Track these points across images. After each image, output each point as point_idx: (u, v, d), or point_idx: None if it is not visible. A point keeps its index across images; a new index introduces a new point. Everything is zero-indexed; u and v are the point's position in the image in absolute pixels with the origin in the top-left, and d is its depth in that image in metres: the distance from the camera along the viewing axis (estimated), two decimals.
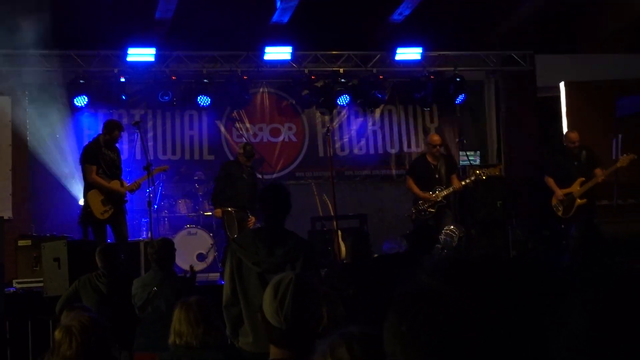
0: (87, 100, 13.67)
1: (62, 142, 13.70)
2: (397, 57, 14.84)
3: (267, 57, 14.36)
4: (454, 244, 11.27)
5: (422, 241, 7.33)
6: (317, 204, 13.86)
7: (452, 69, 15.12)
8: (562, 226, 12.18)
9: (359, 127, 15.34)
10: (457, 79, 14.99)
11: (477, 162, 14.87)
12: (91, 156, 11.13)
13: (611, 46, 15.62)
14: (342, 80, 14.74)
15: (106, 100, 13.94)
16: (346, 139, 15.21)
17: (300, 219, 13.66)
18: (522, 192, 14.64)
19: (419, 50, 14.79)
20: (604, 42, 15.71)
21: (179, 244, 10.17)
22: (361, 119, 15.36)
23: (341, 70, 14.81)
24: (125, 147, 13.43)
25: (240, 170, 12.18)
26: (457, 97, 15.06)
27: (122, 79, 13.81)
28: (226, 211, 11.94)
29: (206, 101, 14.14)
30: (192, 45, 14.27)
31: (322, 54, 14.80)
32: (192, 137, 14.68)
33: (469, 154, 13.76)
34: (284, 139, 15.03)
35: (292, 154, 15.00)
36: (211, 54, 14.42)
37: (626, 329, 1.52)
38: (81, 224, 11.35)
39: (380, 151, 15.38)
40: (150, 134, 14.28)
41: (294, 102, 15.10)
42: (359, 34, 14.99)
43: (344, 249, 11.70)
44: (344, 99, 14.67)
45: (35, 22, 12.54)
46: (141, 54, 13.83)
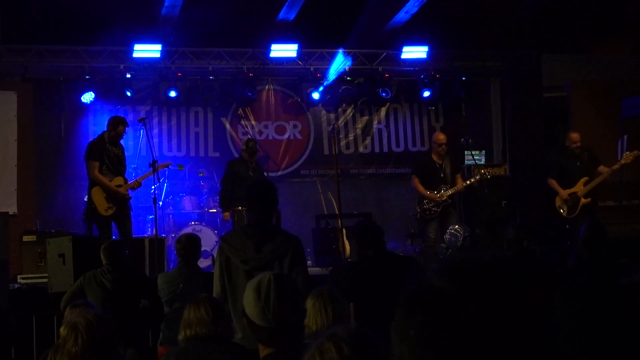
0: (93, 96, 13.68)
1: (68, 137, 13.72)
2: (403, 56, 14.83)
3: (273, 54, 14.36)
4: (459, 243, 11.27)
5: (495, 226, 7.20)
6: (322, 202, 13.88)
7: (458, 67, 15.12)
8: (567, 226, 12.19)
9: (365, 126, 15.34)
10: (463, 78, 15.00)
11: (482, 161, 14.86)
12: (95, 152, 11.13)
13: (618, 46, 15.59)
14: (348, 78, 14.74)
15: (112, 96, 13.95)
16: (351, 137, 15.22)
17: (305, 217, 13.72)
18: (527, 191, 14.63)
19: (425, 49, 14.78)
20: (611, 42, 15.68)
21: None
22: (366, 118, 15.36)
23: (347, 68, 14.80)
24: (130, 144, 13.43)
25: (246, 167, 12.15)
26: (463, 96, 15.05)
27: (128, 75, 13.81)
28: (236, 211, 11.93)
29: (211, 97, 14.16)
30: (198, 41, 14.27)
31: (327, 51, 14.79)
32: (197, 134, 14.69)
33: (474, 153, 13.75)
34: (289, 136, 15.03)
35: (297, 152, 15.00)
36: (217, 50, 14.41)
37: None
38: (85, 221, 11.36)
39: (385, 150, 15.38)
40: (155, 131, 14.29)
41: (300, 99, 15.11)
42: (365, 32, 14.98)
43: (348, 247, 11.70)
44: (350, 97, 14.68)
45: (41, 18, 12.58)
46: (147, 50, 13.83)
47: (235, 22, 14.27)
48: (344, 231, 12.03)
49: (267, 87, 15.04)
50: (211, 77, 14.17)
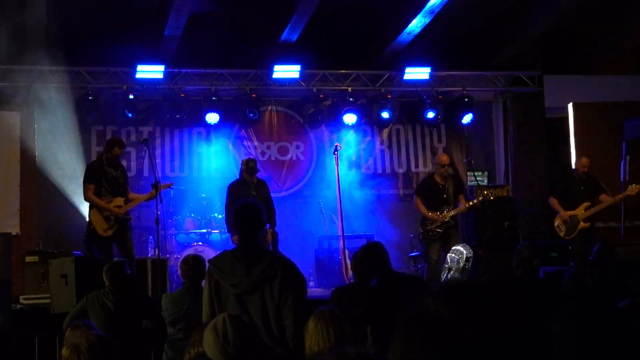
0: (97, 116, 13.72)
1: (71, 158, 13.73)
2: (406, 77, 14.85)
3: (275, 75, 14.38)
4: (462, 264, 11.25)
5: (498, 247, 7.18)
6: (325, 223, 13.88)
7: (461, 89, 15.15)
8: (570, 247, 12.21)
9: (367, 146, 15.35)
10: (465, 99, 15.02)
11: (485, 182, 14.86)
12: (91, 175, 11.15)
13: (620, 68, 15.63)
14: (351, 99, 14.76)
15: (115, 116, 13.98)
16: (354, 158, 15.21)
17: (307, 238, 13.70)
18: (529, 212, 14.63)
19: (428, 70, 14.81)
20: (613, 63, 15.72)
21: None
22: (369, 138, 15.37)
23: (349, 89, 14.83)
24: (133, 164, 13.47)
25: (247, 188, 11.93)
26: (465, 117, 15.07)
27: (131, 96, 13.83)
28: None
29: (215, 118, 14.16)
30: (201, 62, 14.31)
31: (330, 72, 14.82)
32: (200, 155, 14.70)
33: (476, 174, 13.76)
34: (292, 157, 15.04)
35: (300, 173, 15.00)
36: (220, 71, 14.44)
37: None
38: (86, 241, 11.38)
39: (388, 170, 15.39)
40: (158, 151, 14.31)
41: (302, 120, 15.13)
42: (367, 53, 15.02)
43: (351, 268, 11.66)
44: (352, 118, 14.69)
45: (44, 38, 12.61)
46: (150, 71, 13.85)
47: (238, 43, 14.31)
48: (347, 252, 12.02)
49: (269, 108, 15.07)
50: (214, 98, 14.19)
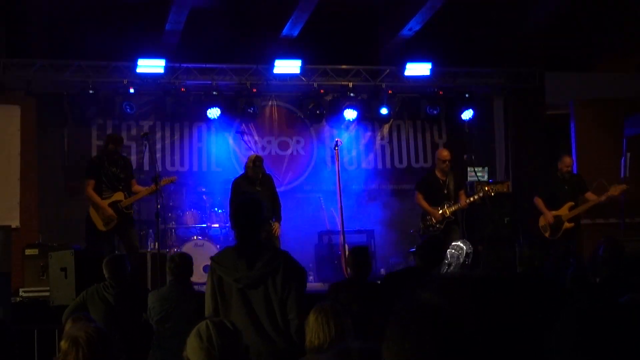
0: (97, 110, 13.73)
1: (71, 151, 13.74)
2: (407, 73, 14.83)
3: (276, 70, 14.36)
4: (461, 260, 11.26)
5: (431, 254, 7.25)
6: (325, 218, 13.88)
7: (461, 85, 15.13)
8: (570, 246, 12.25)
9: (368, 142, 15.35)
10: (466, 95, 15.02)
11: (485, 178, 14.84)
12: (91, 171, 11.22)
13: (621, 64, 15.62)
14: (351, 94, 14.75)
15: (115, 110, 13.97)
16: (354, 154, 15.21)
17: (307, 233, 13.71)
18: (529, 209, 14.63)
19: (428, 65, 14.78)
20: (613, 60, 15.71)
21: None
22: (369, 134, 15.37)
23: (350, 84, 14.82)
24: (133, 158, 13.45)
25: (251, 184, 11.85)
26: (466, 113, 15.06)
27: (132, 90, 13.83)
28: None
29: (216, 112, 14.16)
30: (201, 57, 14.30)
31: (331, 68, 14.81)
32: (200, 149, 14.70)
33: (477, 170, 13.75)
34: (293, 152, 15.04)
35: (300, 168, 14.99)
36: (221, 66, 14.42)
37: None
38: (86, 235, 11.40)
39: (388, 166, 15.39)
40: (158, 146, 14.31)
41: (303, 115, 15.12)
42: (368, 48, 15.01)
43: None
44: (353, 113, 14.68)
45: (45, 32, 12.62)
46: (151, 66, 13.81)
47: (239, 38, 14.31)
48: (347, 247, 12.03)
49: (270, 103, 15.06)
50: (214, 93, 14.18)
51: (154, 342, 7.54)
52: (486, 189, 12.38)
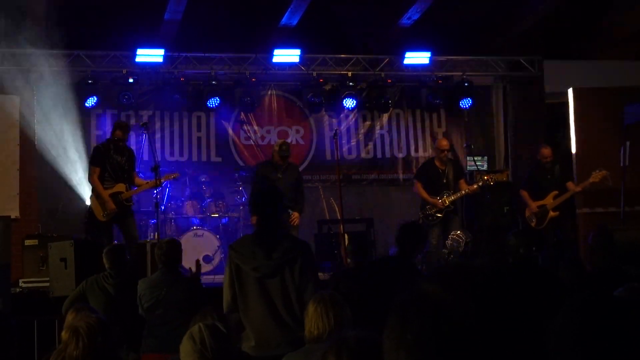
0: (96, 100, 13.73)
1: (70, 141, 13.73)
2: (406, 62, 14.83)
3: (275, 59, 14.35)
4: (461, 249, 11.26)
5: (407, 241, 7.15)
6: (324, 207, 13.87)
7: (460, 73, 15.12)
8: (558, 234, 12.33)
9: (367, 131, 15.34)
10: (465, 84, 15.00)
11: (485, 167, 14.86)
12: (96, 158, 11.21)
13: (620, 53, 15.59)
14: (350, 83, 14.74)
15: (114, 100, 13.97)
16: (354, 143, 15.21)
17: (307, 222, 13.69)
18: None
19: (428, 54, 14.79)
20: (613, 48, 15.68)
21: (185, 246, 10.13)
22: (369, 123, 15.36)
23: (349, 73, 14.81)
24: (133, 148, 13.43)
25: (274, 170, 11.73)
26: (465, 102, 15.05)
27: (131, 80, 13.82)
28: None
29: (215, 102, 14.15)
30: (200, 46, 14.29)
31: (330, 57, 14.80)
32: (199, 139, 14.69)
33: (476, 159, 13.76)
34: (292, 141, 14.98)
35: (299, 157, 14.96)
36: (220, 55, 14.41)
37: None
38: (86, 225, 11.39)
39: (387, 155, 15.38)
40: (158, 135, 14.31)
41: (302, 105, 15.11)
42: (367, 37, 14.99)
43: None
44: (352, 103, 14.68)
45: (44, 22, 12.58)
46: (150, 55, 13.83)
47: (238, 27, 14.29)
48: (346, 237, 12.02)
49: (269, 92, 15.04)
50: (214, 82, 14.17)
51: (145, 330, 7.53)
52: (485, 178, 12.39)
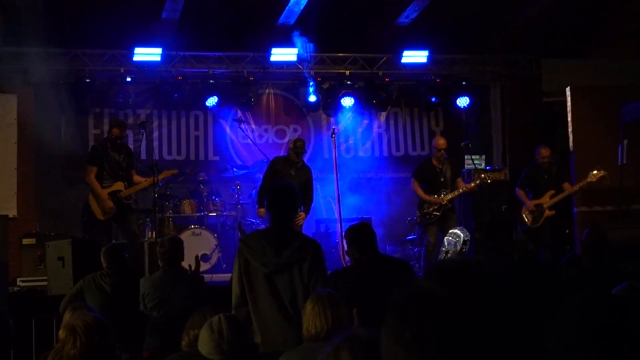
0: (94, 99, 13.73)
1: (68, 140, 13.72)
2: (403, 60, 14.83)
3: (273, 58, 14.35)
4: (459, 247, 11.26)
5: (359, 242, 7.00)
6: (322, 206, 13.87)
7: (458, 72, 15.12)
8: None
9: (365, 130, 15.34)
10: (463, 83, 15.01)
11: (482, 165, 14.86)
12: (94, 157, 11.19)
13: (618, 51, 15.59)
14: (348, 82, 14.74)
15: (112, 99, 13.96)
16: (351, 142, 15.21)
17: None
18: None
19: (425, 53, 14.79)
20: (611, 47, 15.68)
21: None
22: (367, 122, 15.36)
23: (347, 72, 14.81)
24: (131, 147, 13.42)
25: (288, 166, 11.70)
26: (463, 101, 15.05)
27: (129, 79, 13.82)
28: None
29: (213, 101, 14.16)
30: (198, 45, 14.27)
31: (328, 55, 14.80)
32: (197, 138, 14.69)
33: (474, 157, 13.76)
34: (290, 140, 15.01)
35: None
36: (217, 54, 14.41)
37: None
38: (84, 224, 11.38)
39: (385, 154, 15.40)
40: (155, 134, 14.32)
41: (300, 103, 15.11)
42: (365, 36, 14.98)
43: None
44: (350, 101, 14.67)
45: (42, 21, 12.57)
46: (147, 54, 13.82)
47: (235, 26, 14.28)
48: (344, 235, 12.00)
49: (267, 91, 15.05)
50: (211, 81, 14.16)
51: (149, 328, 7.51)
52: (483, 176, 12.41)
